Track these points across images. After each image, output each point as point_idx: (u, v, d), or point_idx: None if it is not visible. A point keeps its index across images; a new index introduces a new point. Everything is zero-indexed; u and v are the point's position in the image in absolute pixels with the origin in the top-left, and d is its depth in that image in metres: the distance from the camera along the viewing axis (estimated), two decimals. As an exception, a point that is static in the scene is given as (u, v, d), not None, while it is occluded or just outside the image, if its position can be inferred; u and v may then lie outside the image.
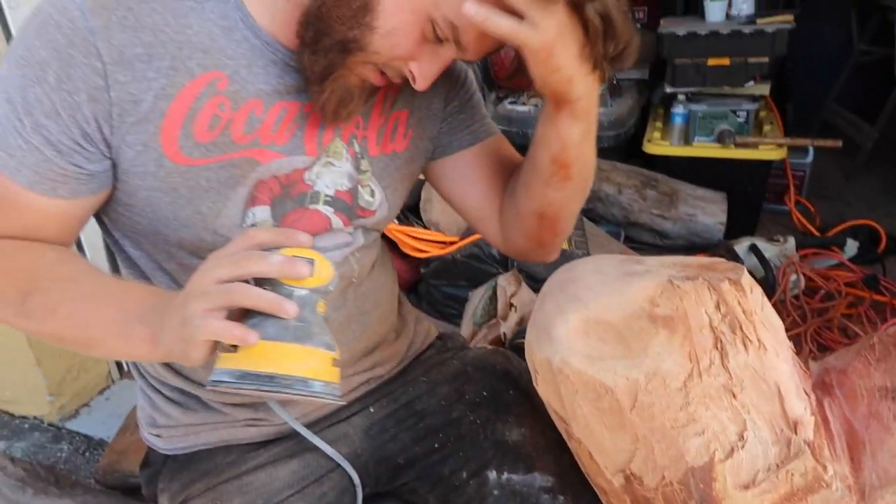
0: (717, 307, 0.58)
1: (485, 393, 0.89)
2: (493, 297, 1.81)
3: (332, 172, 0.75)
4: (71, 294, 0.65)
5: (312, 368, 0.56)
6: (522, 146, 2.50)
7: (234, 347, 0.55)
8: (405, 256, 1.98)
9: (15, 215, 0.67)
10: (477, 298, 1.84)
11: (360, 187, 0.78)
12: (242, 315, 0.57)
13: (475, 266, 1.92)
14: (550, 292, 0.64)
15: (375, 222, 0.82)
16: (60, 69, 0.62)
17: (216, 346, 0.57)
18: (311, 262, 0.57)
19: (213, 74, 0.67)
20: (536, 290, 1.82)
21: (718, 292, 0.58)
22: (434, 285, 1.98)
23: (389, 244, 1.95)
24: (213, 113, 0.68)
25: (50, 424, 1.74)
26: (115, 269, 0.84)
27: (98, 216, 0.76)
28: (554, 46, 0.60)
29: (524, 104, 2.53)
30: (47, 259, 0.68)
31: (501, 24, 0.59)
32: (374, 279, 0.87)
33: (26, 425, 1.75)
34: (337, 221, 0.77)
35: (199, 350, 0.56)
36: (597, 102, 0.72)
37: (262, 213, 0.72)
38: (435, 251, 1.98)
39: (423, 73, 0.68)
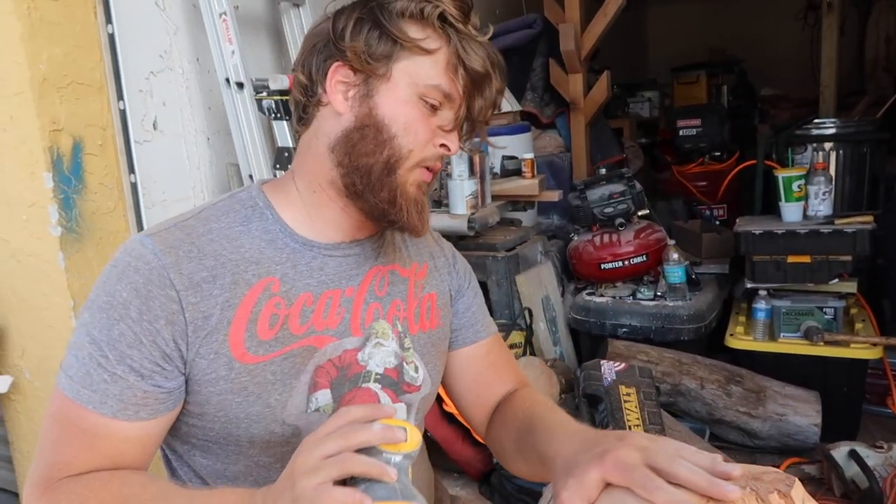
0: (767, 519, 0.56)
1: None
2: (567, 494, 1.74)
3: (381, 352, 0.83)
4: None
5: None
6: (600, 336, 2.52)
7: None
8: (477, 444, 1.96)
9: (102, 446, 0.73)
10: (550, 493, 1.78)
11: (405, 364, 0.85)
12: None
13: (549, 459, 1.87)
14: (597, 501, 0.64)
15: (421, 398, 0.87)
16: (142, 304, 0.72)
17: None
18: (404, 429, 0.63)
19: (267, 280, 0.78)
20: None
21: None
22: (507, 476, 1.93)
23: (462, 430, 1.95)
24: (271, 312, 0.77)
25: None
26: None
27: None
28: None
29: (602, 296, 2.58)
30: (134, 482, 0.73)
31: None
32: (417, 466, 0.90)
33: None
34: (384, 397, 0.82)
35: None
36: None
37: (323, 396, 0.79)
38: (509, 441, 1.95)
39: (451, 142, 0.80)
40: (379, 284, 0.86)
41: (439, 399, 1.81)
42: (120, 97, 1.72)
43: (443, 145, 0.80)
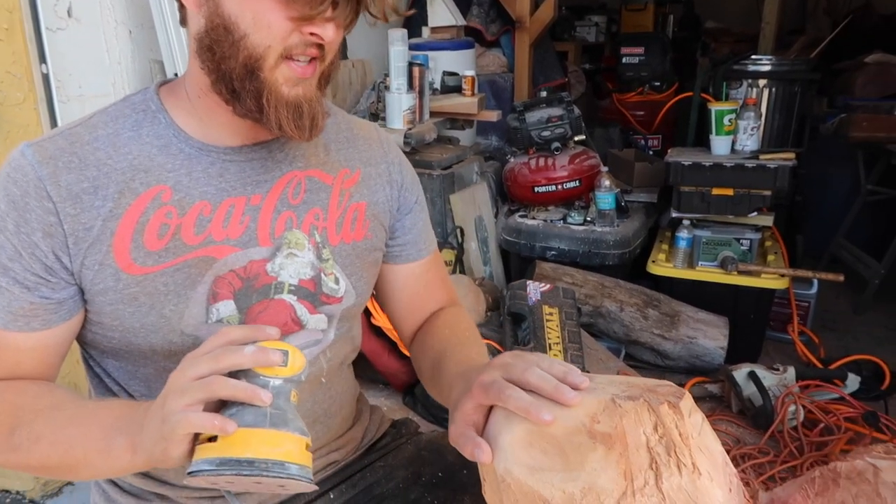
0: (655, 428, 0.60)
1: (440, 474, 0.93)
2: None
3: (294, 263, 0.80)
4: (52, 422, 0.68)
5: (289, 452, 0.59)
6: (529, 258, 2.57)
7: (213, 439, 0.58)
8: (403, 357, 2.01)
9: None
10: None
11: (323, 275, 0.82)
12: (219, 408, 0.60)
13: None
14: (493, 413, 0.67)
15: (343, 309, 0.85)
16: (18, 216, 0.70)
17: (194, 442, 0.60)
18: (284, 352, 0.61)
19: (155, 189, 0.74)
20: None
21: (657, 414, 0.61)
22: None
23: (389, 343, 1.99)
24: (160, 223, 0.74)
25: (31, 500, 1.74)
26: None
27: (79, 342, 0.81)
28: None
29: (533, 219, 2.62)
30: (29, 393, 0.72)
31: None
32: (341, 380, 0.91)
33: (8, 500, 1.75)
34: (301, 309, 0.81)
35: (179, 446, 0.58)
36: None
37: (225, 307, 0.76)
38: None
39: (320, 29, 0.69)
40: (294, 192, 0.81)
41: (367, 312, 1.82)
42: (28, -23, 1.58)
43: (312, 34, 0.70)
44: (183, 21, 0.78)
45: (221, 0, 0.69)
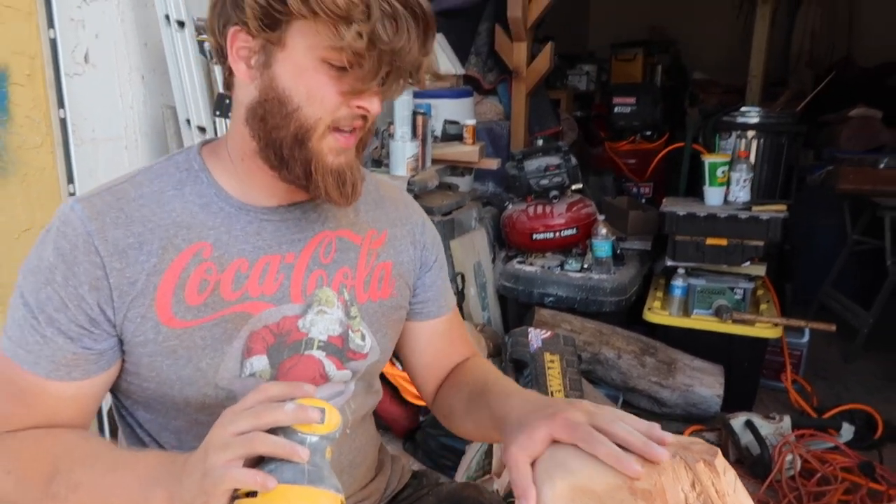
0: (693, 486, 0.62)
1: None
2: (489, 452, 1.82)
3: (324, 320, 0.82)
4: (90, 471, 0.70)
5: None
6: (527, 304, 2.59)
7: (251, 494, 0.59)
8: (405, 403, 2.01)
9: (36, 405, 0.75)
10: (472, 452, 1.85)
11: (350, 332, 0.84)
12: (256, 463, 0.61)
13: (473, 419, 1.94)
14: (542, 456, 0.69)
15: (368, 365, 0.88)
16: (67, 269, 0.73)
17: (233, 497, 0.60)
18: (321, 410, 0.62)
19: (197, 245, 0.77)
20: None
21: (694, 471, 0.63)
22: (431, 435, 1.99)
23: (391, 389, 1.99)
24: (201, 278, 0.77)
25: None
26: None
27: (112, 391, 0.83)
28: None
29: (531, 265, 2.66)
30: (67, 441, 0.74)
31: None
32: (364, 431, 0.93)
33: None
34: (329, 365, 0.83)
35: (219, 501, 0.59)
36: None
37: (259, 362, 0.79)
38: (435, 400, 2.01)
39: (367, 102, 0.73)
40: (325, 251, 0.84)
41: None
42: (51, 25, 1.61)
43: (359, 107, 0.74)
44: (227, 86, 0.82)
45: (277, 74, 0.72)
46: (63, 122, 1.65)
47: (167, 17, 1.80)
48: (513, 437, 0.70)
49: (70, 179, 1.70)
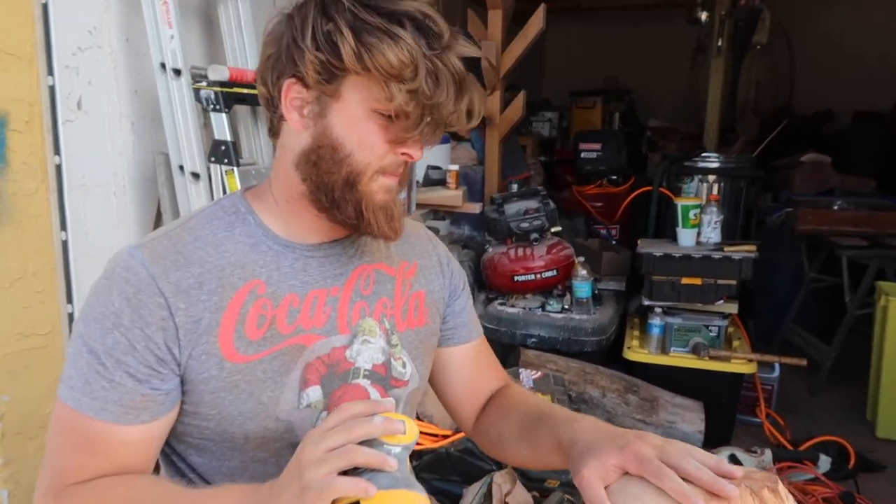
0: (759, 513, 0.66)
1: None
2: (488, 495, 1.82)
3: (369, 349, 0.87)
4: None
5: None
6: (510, 345, 2.61)
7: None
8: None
9: (105, 453, 0.75)
10: (471, 496, 1.85)
11: (392, 360, 0.88)
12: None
13: (469, 461, 1.95)
14: (613, 486, 0.71)
15: (409, 392, 0.91)
16: (133, 312, 0.75)
17: None
18: (403, 421, 0.66)
19: (252, 283, 0.81)
20: (532, 489, 1.85)
21: (760, 498, 0.66)
22: (426, 479, 1.98)
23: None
24: (259, 313, 0.80)
25: None
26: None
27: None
28: None
29: (513, 307, 2.70)
30: (140, 486, 0.75)
31: None
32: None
33: None
34: (374, 393, 0.86)
35: None
36: None
37: (314, 392, 0.82)
38: (428, 444, 2.01)
39: (411, 149, 0.79)
40: (364, 283, 0.89)
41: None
42: (50, 72, 1.60)
43: (404, 153, 0.80)
44: (273, 133, 0.85)
45: (331, 123, 0.78)
46: (58, 168, 1.63)
47: (162, 65, 1.81)
48: (584, 461, 0.72)
49: (63, 227, 1.67)
